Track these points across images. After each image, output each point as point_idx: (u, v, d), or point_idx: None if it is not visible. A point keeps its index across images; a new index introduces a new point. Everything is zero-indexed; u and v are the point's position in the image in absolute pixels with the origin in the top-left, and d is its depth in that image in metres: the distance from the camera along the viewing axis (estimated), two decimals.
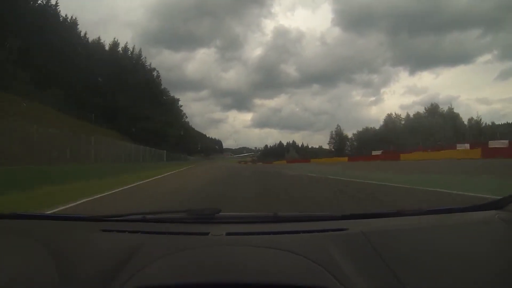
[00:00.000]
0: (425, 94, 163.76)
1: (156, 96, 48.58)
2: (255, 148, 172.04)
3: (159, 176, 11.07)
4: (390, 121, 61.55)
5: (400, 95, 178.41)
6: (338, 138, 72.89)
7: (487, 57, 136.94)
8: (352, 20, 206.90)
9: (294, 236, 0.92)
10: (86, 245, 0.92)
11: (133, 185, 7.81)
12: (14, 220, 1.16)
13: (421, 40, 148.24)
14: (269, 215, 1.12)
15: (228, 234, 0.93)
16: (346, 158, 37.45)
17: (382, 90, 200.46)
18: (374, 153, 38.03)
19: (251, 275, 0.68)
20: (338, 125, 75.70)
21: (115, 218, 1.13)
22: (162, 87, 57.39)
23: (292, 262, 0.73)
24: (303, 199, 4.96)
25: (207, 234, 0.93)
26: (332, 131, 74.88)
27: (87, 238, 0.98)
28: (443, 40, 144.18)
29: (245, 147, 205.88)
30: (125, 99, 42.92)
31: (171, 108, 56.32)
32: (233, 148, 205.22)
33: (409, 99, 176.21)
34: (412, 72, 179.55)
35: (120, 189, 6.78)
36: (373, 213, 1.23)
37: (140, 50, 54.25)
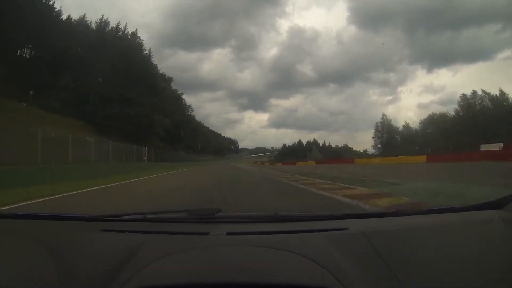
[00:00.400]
0: (443, 93, 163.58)
1: (137, 72, 40.35)
2: (272, 148, 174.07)
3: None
4: (469, 103, 50.02)
5: (417, 94, 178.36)
6: (386, 131, 62.11)
7: (507, 53, 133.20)
8: (368, 18, 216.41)
9: (294, 235, 1.02)
10: (86, 245, 1.03)
11: None
12: (14, 220, 1.29)
13: (438, 36, 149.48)
14: (269, 214, 1.22)
15: (228, 234, 1.03)
16: (423, 158, 28.45)
17: (399, 89, 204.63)
18: (483, 148, 27.25)
19: (251, 275, 0.77)
20: (383, 115, 61.56)
21: (115, 218, 1.25)
22: (152, 60, 50.64)
23: (292, 261, 0.82)
24: None
25: (207, 234, 1.03)
26: (377, 122, 65.66)
27: (87, 238, 1.08)
28: (460, 36, 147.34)
29: (261, 147, 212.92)
30: (96, 77, 36.36)
31: (161, 92, 49.32)
32: (249, 148, 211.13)
33: (426, 98, 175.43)
34: (430, 70, 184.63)
35: None
36: (373, 213, 1.33)
37: (136, 30, 48.98)
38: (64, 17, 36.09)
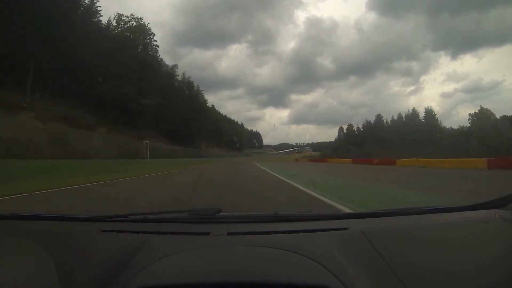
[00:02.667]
0: (467, 80, 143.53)
1: None
2: (296, 143, 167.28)
3: None
4: None
5: (440, 83, 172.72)
6: None
7: None
8: (388, 2, 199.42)
9: (295, 235, 1.03)
10: (87, 245, 1.03)
11: None
12: (14, 220, 1.29)
13: (463, 19, 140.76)
14: (270, 214, 1.23)
15: (229, 234, 1.04)
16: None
17: (422, 78, 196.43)
18: None
19: (252, 274, 0.78)
20: None
21: (116, 219, 1.25)
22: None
23: (293, 261, 0.83)
24: None
25: (208, 234, 1.04)
26: None
27: (87, 239, 1.09)
28: (486, 18, 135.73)
29: (285, 143, 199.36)
30: None
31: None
32: (272, 144, 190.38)
33: (450, 87, 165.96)
34: (454, 56, 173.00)
35: None
36: (374, 212, 1.32)
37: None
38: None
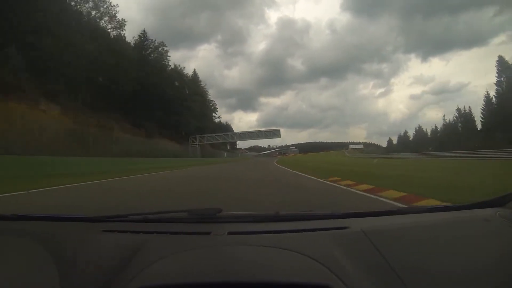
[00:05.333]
0: (434, 82, 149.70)
1: None
2: (268, 146, 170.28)
3: None
4: None
5: (408, 85, 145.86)
6: None
7: (502, 38, 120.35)
8: (363, 3, 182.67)
9: (295, 234, 1.04)
10: (88, 246, 1.05)
11: None
12: (14, 221, 1.31)
13: (435, 22, 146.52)
14: (271, 214, 1.25)
15: (230, 233, 1.05)
16: None
17: (391, 81, 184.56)
18: None
19: (253, 274, 0.79)
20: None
21: (116, 219, 1.27)
22: None
23: (294, 260, 0.84)
24: None
25: (208, 233, 1.06)
26: None
27: (88, 239, 1.10)
28: (457, 21, 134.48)
29: (256, 146, 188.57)
30: None
31: None
32: (242, 148, 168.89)
33: (418, 89, 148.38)
34: (425, 58, 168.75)
35: None
36: (374, 211, 1.34)
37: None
38: None
